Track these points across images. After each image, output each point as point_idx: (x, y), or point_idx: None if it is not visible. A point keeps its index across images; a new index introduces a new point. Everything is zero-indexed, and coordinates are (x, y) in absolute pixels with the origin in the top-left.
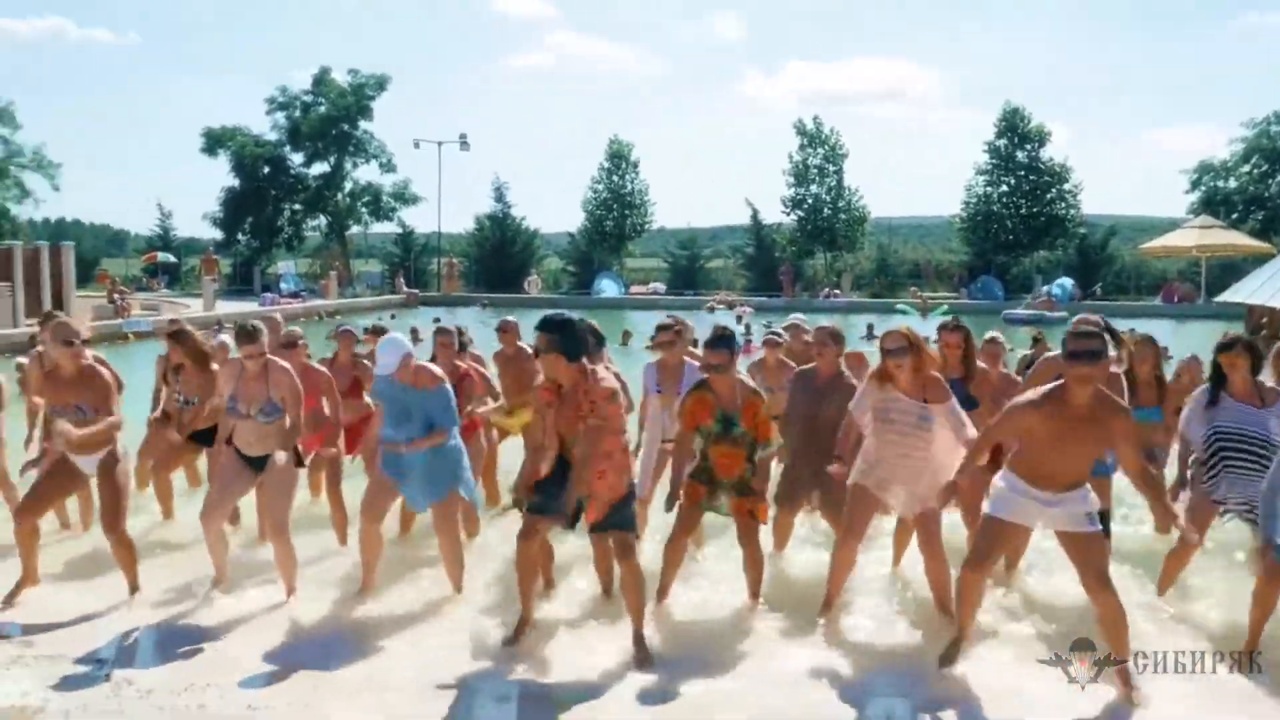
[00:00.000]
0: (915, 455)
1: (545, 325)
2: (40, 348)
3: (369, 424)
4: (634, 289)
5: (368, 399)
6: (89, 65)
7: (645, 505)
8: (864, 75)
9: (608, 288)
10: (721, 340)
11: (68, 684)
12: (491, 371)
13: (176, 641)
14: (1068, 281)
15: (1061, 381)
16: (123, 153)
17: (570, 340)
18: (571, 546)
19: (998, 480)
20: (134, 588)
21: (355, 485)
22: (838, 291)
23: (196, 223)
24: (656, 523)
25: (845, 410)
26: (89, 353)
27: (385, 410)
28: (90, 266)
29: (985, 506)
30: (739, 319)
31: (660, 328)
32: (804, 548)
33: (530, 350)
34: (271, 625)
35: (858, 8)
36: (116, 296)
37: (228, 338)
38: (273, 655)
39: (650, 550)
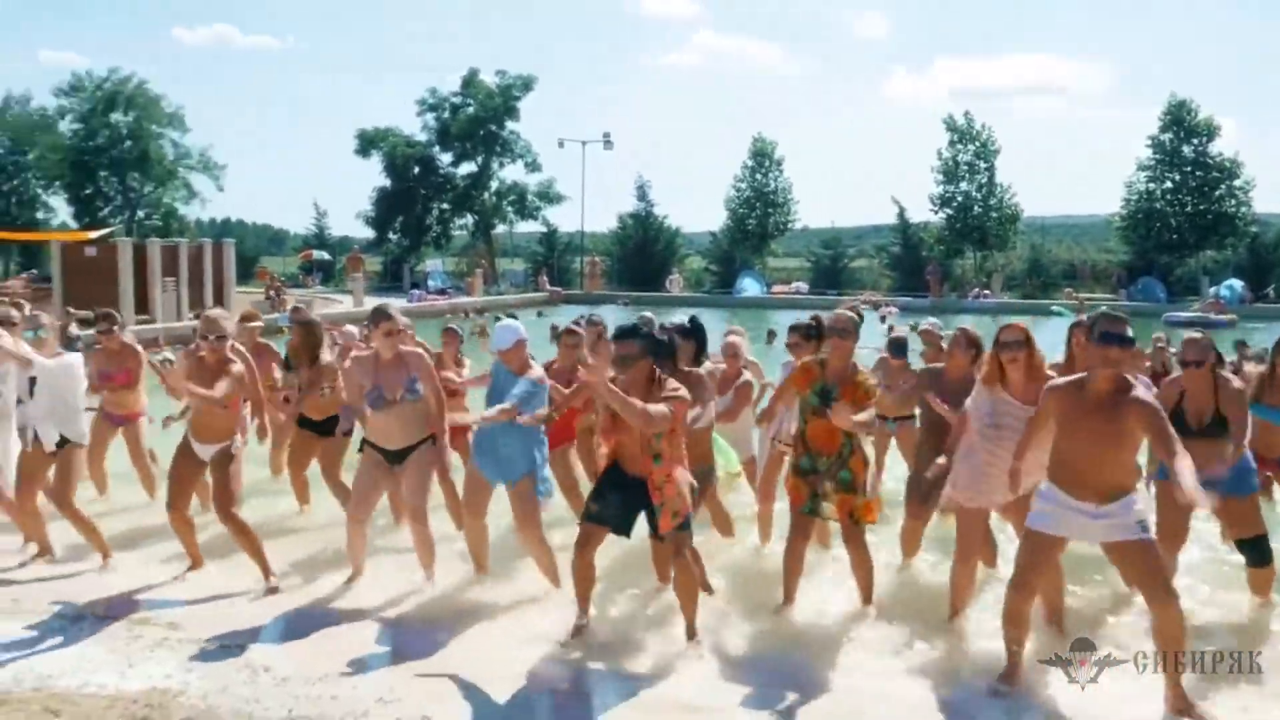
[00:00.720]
0: None
1: (629, 333)
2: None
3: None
4: (776, 288)
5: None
6: (252, 70)
7: (767, 505)
8: (1016, 70)
9: (749, 287)
10: (846, 329)
11: (209, 668)
12: None
13: (314, 628)
14: (1237, 283)
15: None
16: (283, 154)
17: (652, 344)
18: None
19: (1039, 492)
20: (266, 573)
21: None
22: (987, 292)
23: (350, 222)
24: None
25: None
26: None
27: (490, 398)
28: (251, 264)
29: (1026, 520)
30: (883, 319)
31: (792, 328)
32: (930, 552)
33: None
34: (407, 614)
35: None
36: (273, 292)
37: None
38: (405, 646)
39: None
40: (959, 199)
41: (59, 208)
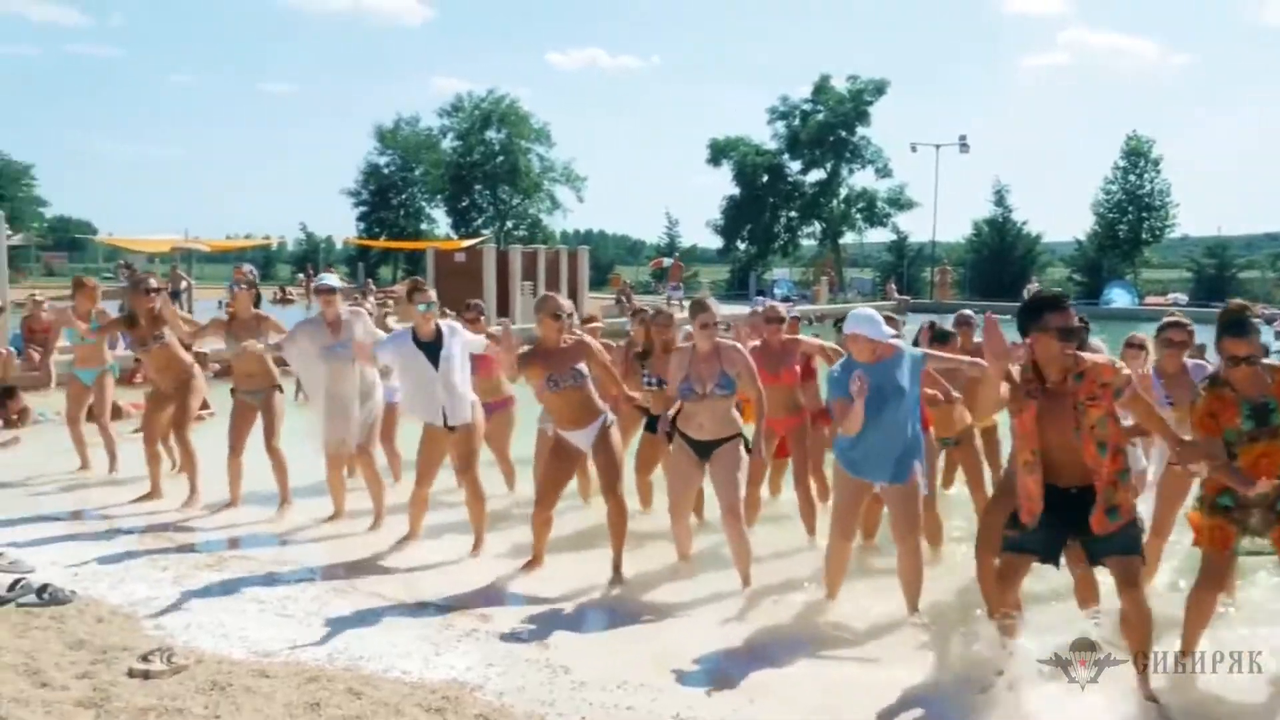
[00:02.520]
0: None
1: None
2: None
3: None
4: (1149, 299)
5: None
6: (617, 88)
7: (1160, 538)
8: None
9: (1118, 297)
10: (1240, 325)
11: (510, 664)
12: None
13: (627, 633)
14: None
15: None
16: (641, 167)
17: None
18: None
19: None
20: (617, 566)
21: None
22: None
23: (700, 231)
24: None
25: None
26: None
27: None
28: (606, 271)
29: None
30: (1278, 335)
31: (1167, 325)
32: None
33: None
34: (716, 623)
35: None
36: (623, 297)
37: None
38: (709, 657)
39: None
40: None
41: (439, 219)
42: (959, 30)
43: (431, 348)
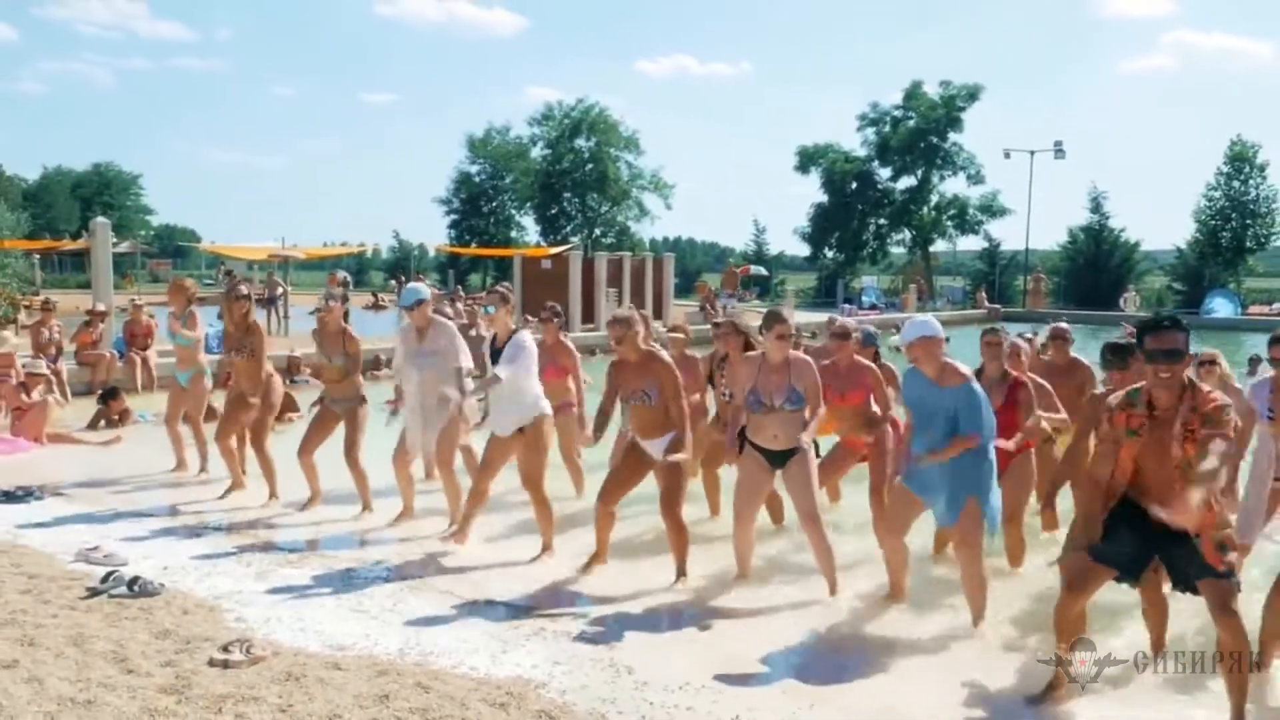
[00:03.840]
0: None
1: (1170, 323)
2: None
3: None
4: (1252, 309)
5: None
6: (707, 96)
7: (1244, 553)
8: None
9: (1220, 307)
10: None
11: (575, 662)
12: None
13: (691, 633)
14: None
15: None
16: (730, 174)
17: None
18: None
19: None
20: (680, 572)
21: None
22: None
23: (788, 238)
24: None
25: None
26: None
27: (913, 416)
28: (693, 278)
29: None
30: None
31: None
32: None
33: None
34: (779, 628)
35: None
36: (707, 305)
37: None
38: (771, 661)
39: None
40: None
41: (528, 226)
42: (1056, 33)
43: (495, 355)
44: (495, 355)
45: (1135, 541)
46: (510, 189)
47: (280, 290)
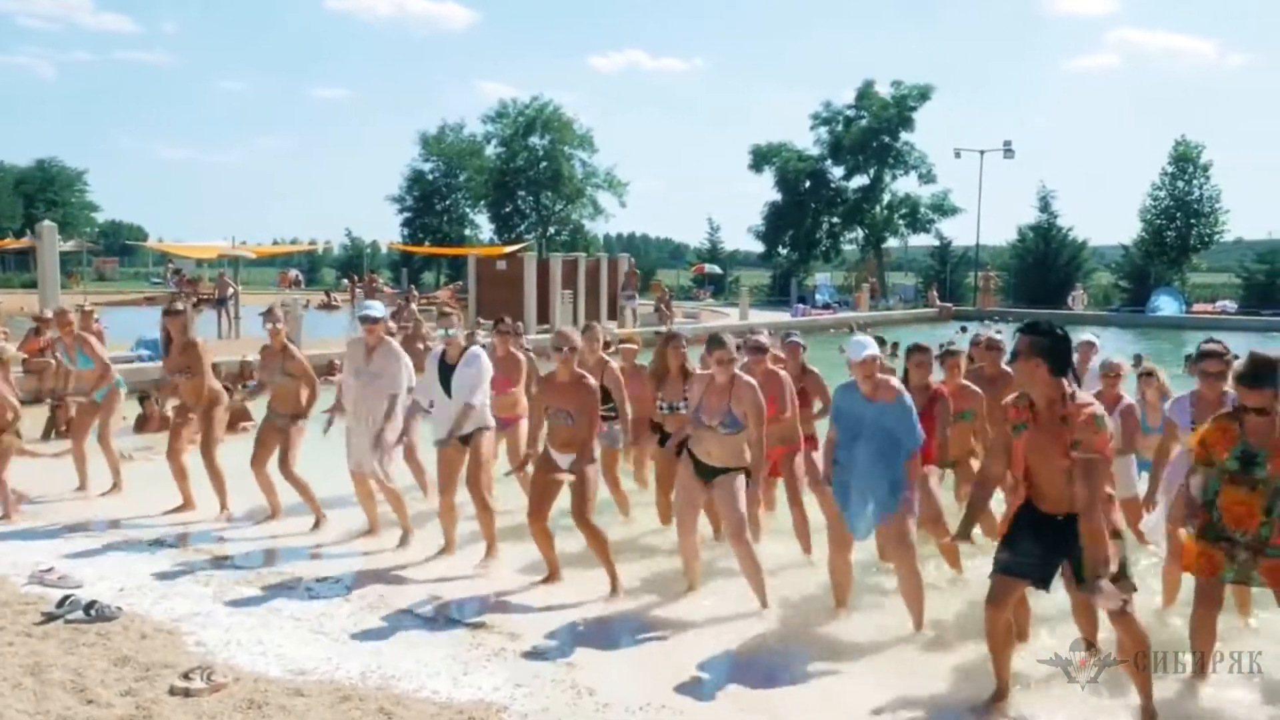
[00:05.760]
0: None
1: (1032, 328)
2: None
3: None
4: (1197, 307)
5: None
6: (659, 91)
7: (1176, 566)
8: None
9: (1165, 305)
10: (1263, 376)
11: (535, 684)
12: None
13: (650, 651)
14: None
15: None
16: (684, 171)
17: (1058, 349)
18: None
19: None
20: (614, 587)
21: None
22: None
23: (742, 236)
24: None
25: None
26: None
27: (841, 428)
28: (648, 277)
29: None
30: None
31: (1203, 355)
32: None
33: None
34: (735, 639)
35: None
36: (661, 305)
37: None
38: (729, 674)
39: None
40: None
41: (482, 224)
42: (1004, 33)
43: (449, 371)
44: (446, 371)
45: (1039, 549)
46: (464, 187)
47: (231, 290)
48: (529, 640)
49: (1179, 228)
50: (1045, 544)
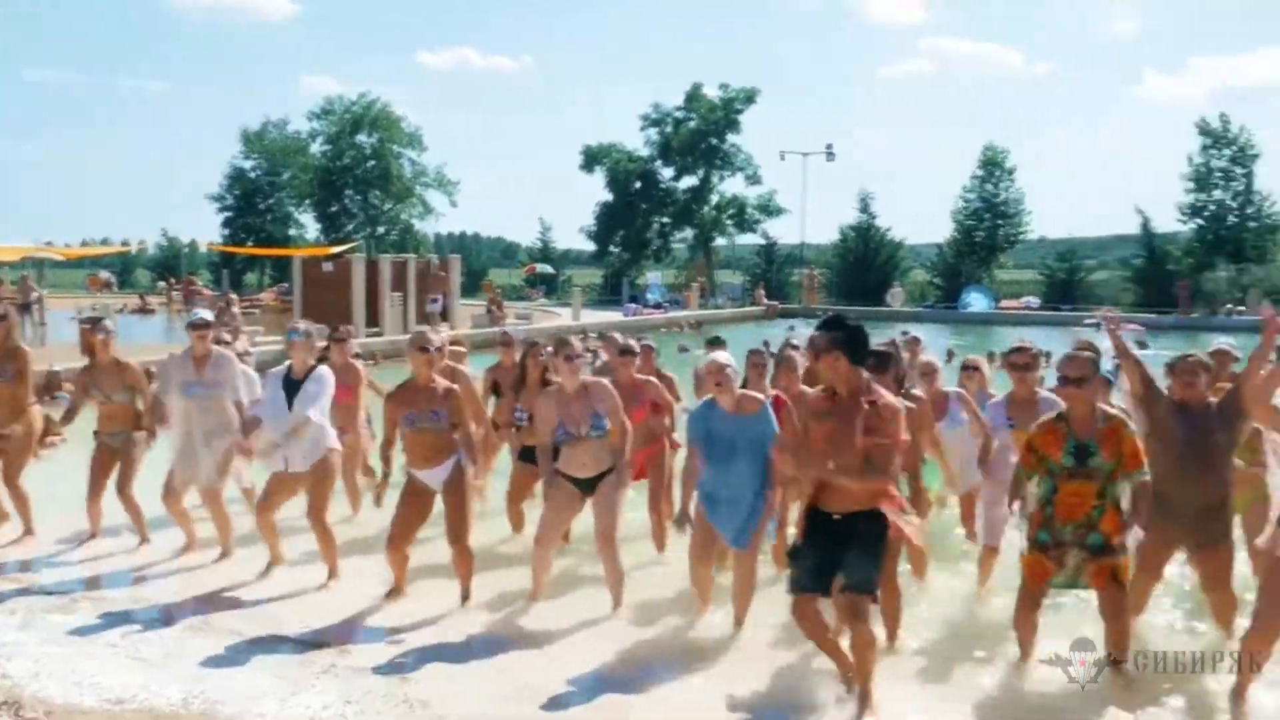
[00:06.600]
0: None
1: (828, 324)
2: None
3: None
4: (1004, 303)
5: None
6: (490, 90)
7: (990, 556)
8: None
9: (976, 301)
10: (1082, 352)
11: (367, 700)
12: None
13: (487, 662)
14: None
15: None
16: (516, 170)
17: (856, 342)
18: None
19: None
20: (465, 598)
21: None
22: (1242, 309)
23: (574, 236)
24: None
25: (1233, 434)
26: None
27: (706, 449)
28: (480, 276)
29: None
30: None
31: (1011, 350)
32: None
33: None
34: (577, 649)
35: None
36: (493, 307)
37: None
38: (570, 683)
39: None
40: (1212, 208)
41: (308, 224)
42: (826, 39)
43: (292, 388)
44: (292, 388)
45: (815, 554)
46: (288, 185)
47: (35, 295)
48: (361, 656)
49: (987, 228)
50: (821, 546)
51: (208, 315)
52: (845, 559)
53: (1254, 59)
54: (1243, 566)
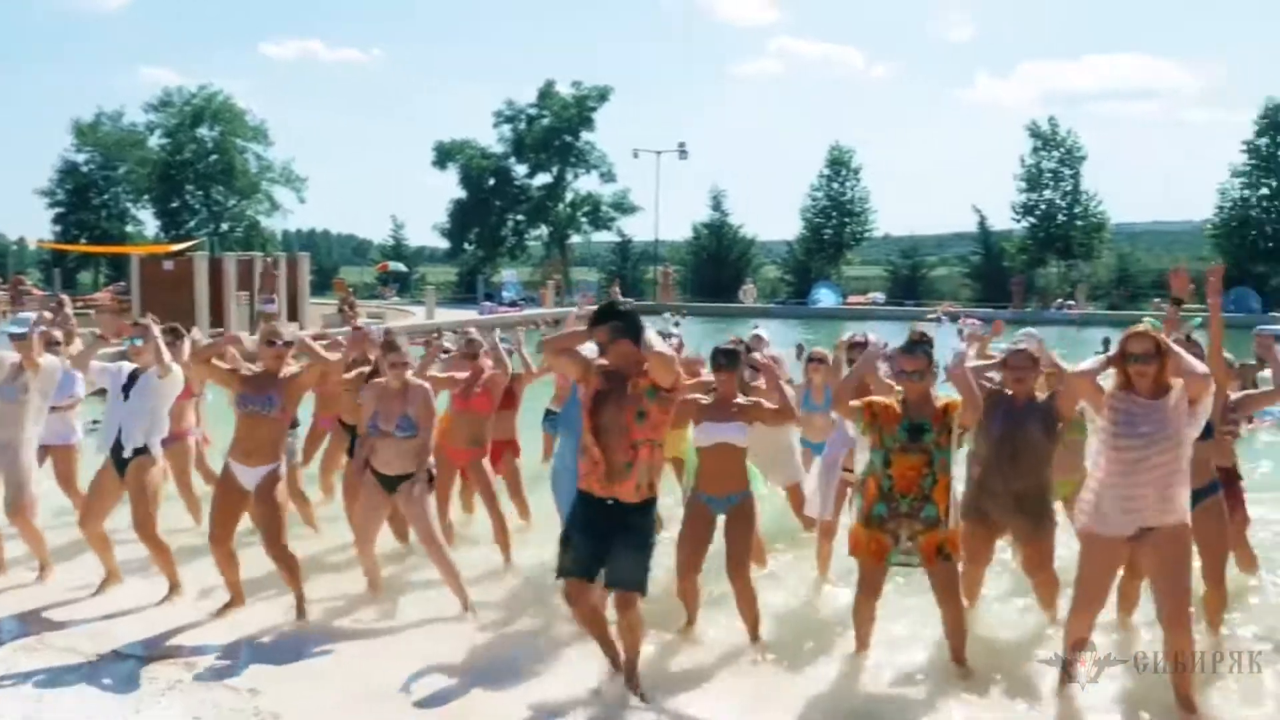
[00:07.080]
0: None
1: (604, 314)
2: None
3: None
4: (852, 299)
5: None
6: (338, 83)
7: (828, 537)
8: (1107, 72)
9: (825, 297)
10: (919, 345)
11: (215, 714)
12: None
13: (337, 671)
14: None
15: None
16: (367, 166)
17: (632, 323)
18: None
19: None
20: (300, 609)
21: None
22: (1072, 303)
23: (428, 233)
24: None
25: (1051, 430)
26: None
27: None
28: (331, 274)
29: None
30: (960, 331)
31: (850, 345)
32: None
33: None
34: (427, 651)
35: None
36: (345, 307)
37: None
38: (420, 687)
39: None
40: (1042, 207)
41: (147, 221)
42: (677, 38)
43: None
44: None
45: (587, 543)
46: (125, 180)
47: None
48: (208, 670)
49: (835, 226)
50: (591, 535)
51: (23, 327)
52: (613, 555)
53: (1079, 66)
54: (1064, 549)
